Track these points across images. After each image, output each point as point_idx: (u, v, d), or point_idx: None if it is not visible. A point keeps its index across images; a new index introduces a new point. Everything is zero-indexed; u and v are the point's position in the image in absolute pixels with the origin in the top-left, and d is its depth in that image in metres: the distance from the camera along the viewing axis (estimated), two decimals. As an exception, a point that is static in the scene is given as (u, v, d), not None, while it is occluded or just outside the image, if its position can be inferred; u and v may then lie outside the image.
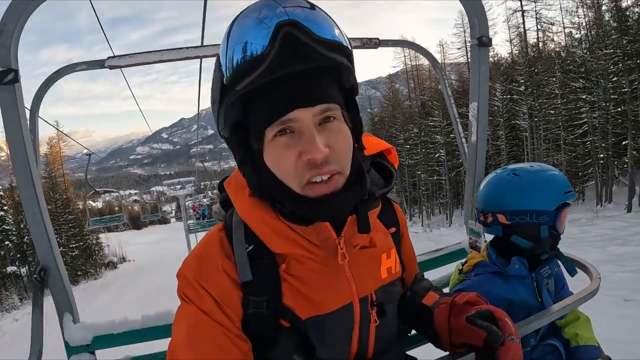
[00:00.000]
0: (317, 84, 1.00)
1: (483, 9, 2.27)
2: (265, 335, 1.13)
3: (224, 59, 0.98)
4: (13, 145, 1.73)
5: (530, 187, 2.02)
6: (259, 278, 1.12)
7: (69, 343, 2.00)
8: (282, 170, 1.03)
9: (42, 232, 1.89)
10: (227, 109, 1.03)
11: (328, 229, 1.09)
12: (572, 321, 2.21)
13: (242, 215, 1.16)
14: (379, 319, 1.22)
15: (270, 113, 0.99)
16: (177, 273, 1.18)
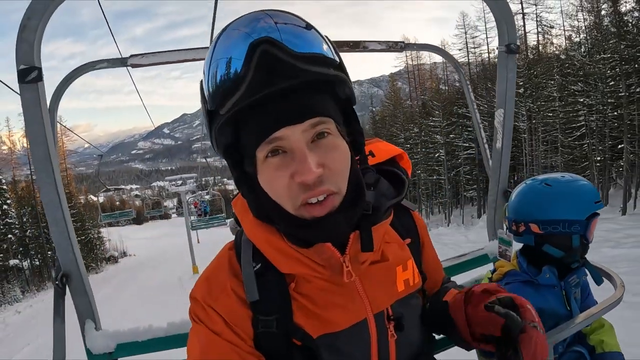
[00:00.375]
0: (305, 99, 0.94)
1: (512, 15, 2.23)
2: (277, 353, 1.10)
3: (206, 84, 0.97)
4: (35, 147, 1.66)
5: (563, 197, 2.04)
6: (267, 297, 1.09)
7: (91, 351, 1.93)
8: (276, 192, 0.99)
9: (65, 237, 1.82)
10: (217, 133, 1.00)
11: (330, 249, 1.04)
12: (597, 328, 2.25)
13: (248, 235, 1.13)
14: (396, 333, 1.17)
15: (258, 134, 0.94)
16: (189, 295, 1.16)
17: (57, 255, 1.86)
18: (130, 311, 15.11)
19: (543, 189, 2.10)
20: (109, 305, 15.91)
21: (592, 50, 27.04)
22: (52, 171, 1.71)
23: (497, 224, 2.65)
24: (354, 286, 1.12)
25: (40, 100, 1.60)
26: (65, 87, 2.21)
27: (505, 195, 2.56)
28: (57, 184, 1.74)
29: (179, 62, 2.23)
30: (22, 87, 1.57)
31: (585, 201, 2.02)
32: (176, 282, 20.39)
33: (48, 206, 1.76)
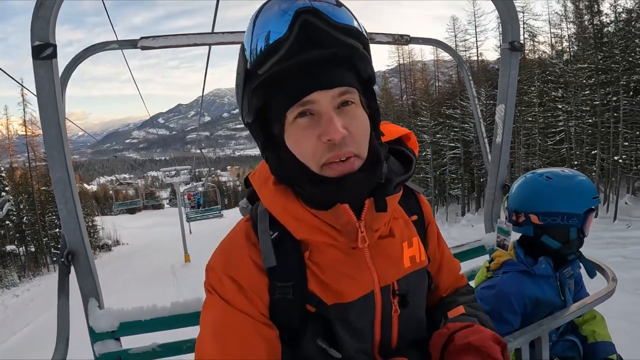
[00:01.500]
0: (336, 68, 1.00)
1: (517, 14, 2.24)
2: (292, 322, 1.11)
3: (248, 45, 1.00)
4: (48, 124, 1.64)
5: (563, 190, 2.07)
6: (284, 264, 1.11)
7: (93, 329, 1.90)
8: (302, 151, 1.02)
9: (73, 216, 1.79)
10: (250, 95, 1.03)
11: (347, 212, 1.07)
12: (589, 319, 2.29)
13: (266, 204, 1.16)
14: (400, 309, 1.18)
15: (291, 95, 0.98)
16: (206, 266, 1.16)
17: (64, 233, 1.83)
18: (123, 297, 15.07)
19: (544, 181, 2.12)
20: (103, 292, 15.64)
21: (573, 59, 27.97)
22: (63, 149, 1.69)
23: (494, 216, 2.65)
24: (363, 258, 1.14)
25: (54, 77, 1.57)
26: (74, 68, 2.16)
27: (503, 189, 2.56)
28: (68, 163, 1.72)
29: (189, 46, 2.20)
30: (37, 63, 1.54)
31: (584, 196, 2.05)
32: (168, 270, 20.53)
33: (58, 184, 1.72)
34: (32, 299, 19.78)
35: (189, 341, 1.97)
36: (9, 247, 31.14)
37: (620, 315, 6.25)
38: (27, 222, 33.13)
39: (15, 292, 22.67)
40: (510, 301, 1.99)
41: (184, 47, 2.24)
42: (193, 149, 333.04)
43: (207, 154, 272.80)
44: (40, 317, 15.37)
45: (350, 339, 1.13)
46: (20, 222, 33.09)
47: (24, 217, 32.94)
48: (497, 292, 2.03)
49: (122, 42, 2.14)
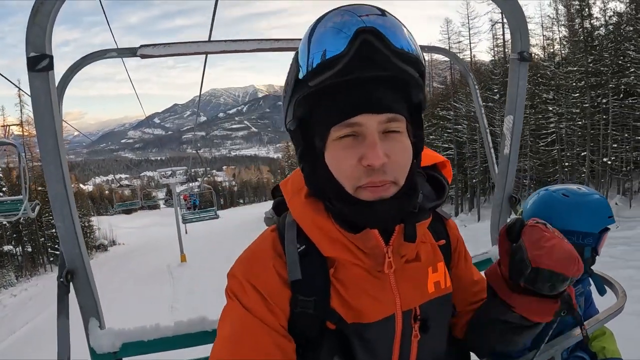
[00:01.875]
0: (387, 93, 0.98)
1: (526, 25, 2.17)
2: (310, 337, 1.10)
3: (304, 55, 0.98)
4: (44, 138, 1.55)
5: (579, 209, 2.03)
6: (308, 278, 1.09)
7: (94, 350, 1.82)
8: (340, 170, 1.01)
9: (71, 233, 1.71)
10: (297, 104, 1.02)
11: (376, 237, 1.06)
12: (599, 335, 2.25)
13: (295, 215, 1.15)
14: (420, 333, 1.15)
15: (339, 114, 0.98)
16: (228, 273, 1.16)
17: (63, 251, 1.75)
18: (120, 296, 15.40)
19: (561, 198, 2.08)
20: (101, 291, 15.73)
21: (564, 61, 28.36)
22: (60, 164, 1.60)
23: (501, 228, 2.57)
24: (387, 281, 1.12)
25: (50, 90, 1.49)
26: (72, 76, 2.08)
27: (510, 200, 2.49)
28: (65, 178, 1.64)
29: (189, 54, 2.14)
30: (32, 75, 1.45)
31: (600, 215, 2.02)
32: (165, 270, 20.78)
33: (55, 200, 1.64)
34: (30, 298, 19.88)
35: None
36: (6, 247, 31.23)
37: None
38: (23, 222, 32.96)
39: (12, 292, 22.77)
40: None
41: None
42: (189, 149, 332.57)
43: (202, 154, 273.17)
44: (39, 316, 15.49)
45: (367, 358, 1.11)
46: (17, 222, 32.80)
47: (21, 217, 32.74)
48: None
49: (122, 50, 2.06)
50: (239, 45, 2.13)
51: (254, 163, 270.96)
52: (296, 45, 2.22)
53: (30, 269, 31.81)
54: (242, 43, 2.17)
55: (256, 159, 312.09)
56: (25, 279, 28.89)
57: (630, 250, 12.99)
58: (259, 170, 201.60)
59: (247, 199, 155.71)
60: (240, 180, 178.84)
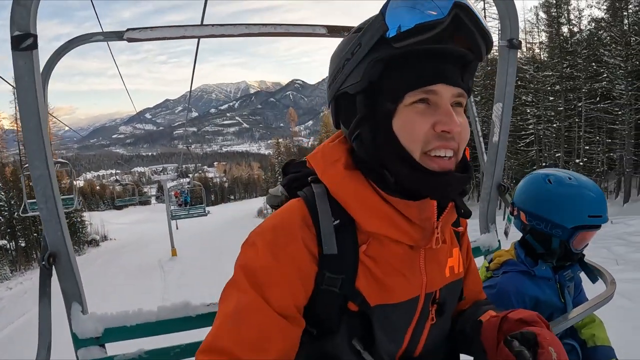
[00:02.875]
0: (465, 68, 1.01)
1: (516, 11, 2.16)
2: (329, 317, 1.07)
3: (395, 14, 0.94)
4: (27, 118, 1.51)
5: (556, 198, 1.97)
6: (342, 254, 1.05)
7: (77, 335, 1.77)
8: (411, 134, 0.99)
9: (54, 215, 1.66)
10: (369, 65, 1.00)
11: (433, 207, 1.06)
12: (589, 323, 2.22)
13: (333, 187, 1.10)
14: (436, 317, 1.17)
15: (418, 80, 0.97)
16: (245, 242, 1.08)
17: (45, 234, 1.71)
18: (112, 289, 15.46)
19: (543, 183, 2.03)
20: (95, 283, 16.52)
21: (541, 66, 29.55)
22: (43, 144, 1.56)
23: (489, 217, 2.57)
24: (417, 261, 1.12)
25: (34, 69, 1.46)
26: (58, 59, 2.03)
27: (499, 189, 2.49)
28: (48, 159, 1.60)
29: (177, 38, 2.08)
30: (16, 54, 1.42)
31: (575, 211, 1.92)
32: (156, 264, 20.89)
33: (38, 181, 1.60)
34: (26, 291, 19.93)
35: (177, 347, 1.86)
36: (1, 242, 31.41)
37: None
38: (17, 217, 32.99)
39: (8, 285, 22.79)
40: (510, 300, 1.92)
41: (172, 42, 2.16)
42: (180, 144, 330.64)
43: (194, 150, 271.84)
44: (35, 307, 15.39)
45: (386, 342, 1.10)
46: (11, 217, 33.28)
47: (15, 212, 32.85)
48: (497, 291, 1.96)
49: (108, 33, 2.01)
50: (227, 30, 2.09)
51: (245, 159, 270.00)
52: (283, 31, 2.21)
53: (25, 263, 31.95)
54: (231, 27, 2.12)
55: (247, 155, 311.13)
56: (20, 273, 28.94)
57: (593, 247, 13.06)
58: (250, 166, 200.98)
59: (237, 195, 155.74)
60: (231, 177, 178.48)
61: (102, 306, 1.86)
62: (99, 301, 12.46)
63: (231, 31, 2.13)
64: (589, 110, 25.18)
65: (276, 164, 68.49)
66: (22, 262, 31.77)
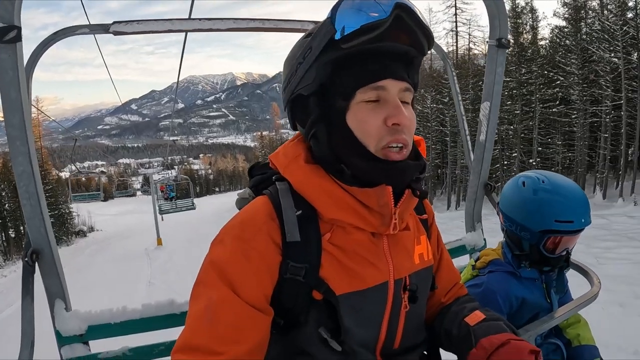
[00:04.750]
0: (410, 64, 1.08)
1: (505, 11, 2.17)
2: (295, 306, 1.08)
3: (342, 17, 0.99)
4: (10, 113, 1.48)
5: (525, 202, 1.97)
6: (304, 243, 1.08)
7: (60, 333, 1.75)
8: (365, 130, 1.05)
9: (37, 212, 1.63)
10: (322, 66, 1.05)
11: (389, 194, 1.08)
12: (574, 323, 2.23)
13: (296, 180, 1.13)
14: (410, 304, 1.18)
15: (366, 77, 1.03)
16: (213, 240, 1.12)
17: (28, 231, 1.67)
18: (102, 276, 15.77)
19: (517, 185, 2.03)
20: (84, 271, 16.96)
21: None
22: (27, 140, 1.53)
23: (476, 215, 2.57)
24: (381, 247, 1.15)
25: (17, 62, 1.42)
26: (42, 52, 1.96)
27: (485, 188, 2.49)
28: (31, 155, 1.56)
29: (164, 32, 2.05)
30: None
31: (541, 215, 1.90)
32: (142, 252, 21.43)
33: (21, 177, 1.57)
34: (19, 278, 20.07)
35: (161, 345, 1.84)
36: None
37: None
38: (8, 208, 33.28)
39: (2, 273, 23.06)
40: (496, 300, 1.91)
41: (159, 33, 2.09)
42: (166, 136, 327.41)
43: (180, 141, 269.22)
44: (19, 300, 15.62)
45: (355, 329, 1.10)
46: (2, 208, 33.25)
47: (5, 204, 33.23)
48: (483, 290, 1.95)
49: (94, 26, 1.96)
50: (215, 24, 2.07)
51: (230, 151, 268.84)
52: (271, 27, 2.18)
53: (16, 253, 31.83)
54: (218, 22, 2.10)
55: (233, 147, 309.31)
56: (12, 262, 28.94)
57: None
58: (235, 159, 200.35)
59: (222, 187, 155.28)
60: (216, 169, 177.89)
61: (91, 294, 1.83)
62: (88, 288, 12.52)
63: (219, 25, 2.10)
64: (545, 113, 27.07)
65: (260, 157, 68.28)
66: (14, 252, 31.71)
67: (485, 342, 1.13)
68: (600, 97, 24.94)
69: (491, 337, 1.13)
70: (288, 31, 2.19)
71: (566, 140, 27.65)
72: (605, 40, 23.96)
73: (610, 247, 11.36)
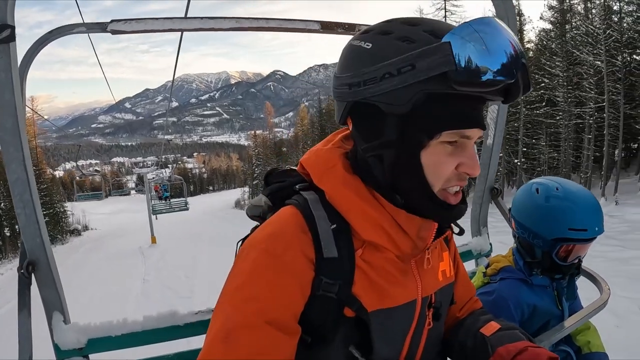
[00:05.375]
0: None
1: (514, 12, 2.12)
2: (325, 323, 1.02)
3: (466, 53, 0.86)
4: (3, 116, 1.40)
5: (538, 209, 1.95)
6: (341, 257, 1.02)
7: (59, 346, 1.66)
8: (436, 171, 0.99)
9: (32, 221, 1.55)
10: (418, 94, 0.92)
11: (433, 229, 1.11)
12: (584, 330, 2.20)
13: (332, 192, 1.07)
14: (433, 321, 1.18)
15: (460, 120, 0.95)
16: (238, 255, 1.07)
17: (23, 241, 1.59)
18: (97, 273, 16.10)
19: (531, 192, 2.00)
20: (80, 269, 17.25)
21: None
22: (21, 145, 1.45)
23: (482, 220, 2.52)
24: (409, 266, 1.11)
25: (11, 63, 1.35)
26: (37, 52, 1.87)
27: (492, 192, 2.43)
28: (26, 160, 1.48)
29: (163, 31, 1.94)
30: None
31: (556, 222, 1.87)
32: (137, 250, 21.78)
33: (15, 185, 1.49)
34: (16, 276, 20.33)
35: (163, 358, 1.77)
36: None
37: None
38: (4, 207, 33.42)
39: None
40: (509, 307, 1.88)
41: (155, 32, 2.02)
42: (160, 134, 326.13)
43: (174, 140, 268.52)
44: (15, 299, 15.97)
45: (383, 347, 1.06)
46: None
47: (1, 203, 33.49)
48: (495, 298, 1.92)
49: (91, 25, 1.86)
50: (216, 23, 1.97)
51: (224, 150, 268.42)
52: (275, 26, 2.10)
53: (12, 252, 32.28)
54: (220, 21, 1.99)
55: (227, 146, 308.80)
56: (8, 260, 29.37)
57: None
58: (229, 157, 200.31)
59: (216, 186, 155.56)
60: (210, 168, 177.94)
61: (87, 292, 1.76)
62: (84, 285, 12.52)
63: (221, 25, 2.00)
64: (530, 115, 27.97)
65: (253, 156, 67.94)
66: (9, 250, 32.19)
67: (502, 351, 1.11)
68: (584, 99, 25.80)
69: (508, 346, 1.12)
70: (292, 31, 2.11)
71: (552, 141, 28.50)
72: (589, 44, 24.76)
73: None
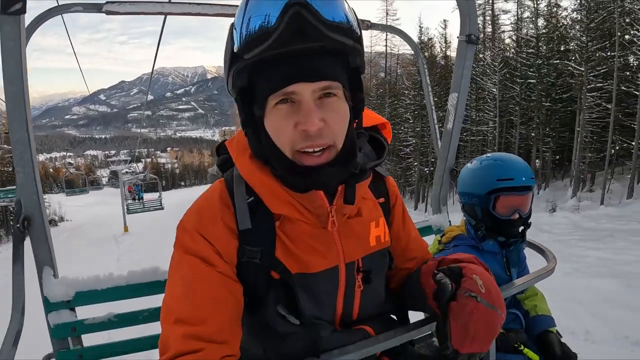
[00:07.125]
0: (321, 62, 1.00)
1: (475, 9, 2.30)
2: (256, 286, 1.14)
3: (238, 28, 0.99)
4: (10, 82, 1.52)
5: (470, 173, 2.28)
6: (257, 228, 1.13)
7: (48, 299, 1.76)
8: (279, 137, 1.04)
9: (30, 179, 1.66)
10: (235, 75, 1.04)
11: (321, 197, 1.10)
12: (531, 295, 2.40)
13: (243, 174, 1.16)
14: (363, 284, 1.22)
15: (274, 84, 0.99)
16: (178, 225, 1.16)
17: (20, 198, 1.69)
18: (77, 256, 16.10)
19: (467, 166, 2.32)
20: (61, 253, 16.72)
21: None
22: (25, 109, 1.56)
23: (442, 199, 2.69)
24: (331, 235, 1.16)
25: (21, 34, 1.45)
26: (35, 29, 1.93)
27: (452, 173, 2.60)
28: (28, 124, 1.59)
29: (157, 14, 2.07)
30: (3, 18, 1.41)
31: (487, 177, 2.17)
32: (111, 237, 22.74)
33: (17, 145, 1.59)
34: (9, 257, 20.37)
35: (145, 311, 1.88)
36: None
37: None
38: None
39: None
40: None
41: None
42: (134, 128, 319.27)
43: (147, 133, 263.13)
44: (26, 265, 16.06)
45: (311, 306, 1.15)
46: None
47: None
48: None
49: (87, 5, 1.95)
50: (211, 9, 2.09)
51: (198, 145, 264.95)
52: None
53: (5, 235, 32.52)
54: (215, 7, 2.12)
55: (201, 142, 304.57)
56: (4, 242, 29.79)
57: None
58: (201, 154, 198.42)
59: (188, 181, 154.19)
60: (182, 163, 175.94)
61: (66, 268, 1.86)
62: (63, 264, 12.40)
63: (215, 10, 2.12)
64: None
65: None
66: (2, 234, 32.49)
67: (424, 268, 1.27)
68: (485, 119, 30.54)
69: (430, 262, 1.29)
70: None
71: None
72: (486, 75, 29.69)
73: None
